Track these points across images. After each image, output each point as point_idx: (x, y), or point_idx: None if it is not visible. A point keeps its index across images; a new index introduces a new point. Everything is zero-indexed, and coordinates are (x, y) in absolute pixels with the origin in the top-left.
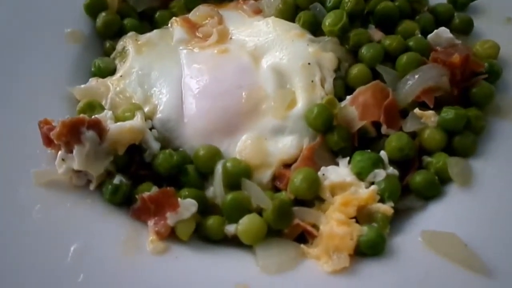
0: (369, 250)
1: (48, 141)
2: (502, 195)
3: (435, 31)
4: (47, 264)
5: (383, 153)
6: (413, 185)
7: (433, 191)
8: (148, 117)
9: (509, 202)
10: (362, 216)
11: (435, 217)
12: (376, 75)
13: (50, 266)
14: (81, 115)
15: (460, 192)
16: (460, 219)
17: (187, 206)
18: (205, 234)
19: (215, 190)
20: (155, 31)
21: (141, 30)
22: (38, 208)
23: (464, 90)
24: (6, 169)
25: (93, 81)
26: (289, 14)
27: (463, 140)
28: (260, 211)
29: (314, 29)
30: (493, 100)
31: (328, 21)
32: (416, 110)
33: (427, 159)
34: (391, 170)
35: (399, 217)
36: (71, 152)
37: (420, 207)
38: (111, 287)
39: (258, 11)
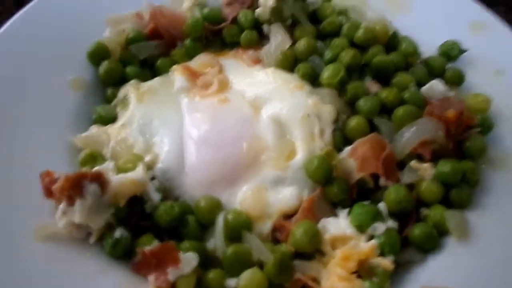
0: None
1: (49, 193)
2: (499, 247)
3: (429, 83)
4: None
5: (382, 205)
6: (413, 238)
7: (432, 244)
8: (149, 167)
9: (505, 255)
10: (363, 270)
11: (434, 271)
12: (372, 126)
13: None
14: (84, 169)
15: (458, 245)
16: (459, 273)
17: (188, 260)
18: None
19: (216, 242)
20: (156, 78)
21: (143, 78)
22: (37, 263)
23: (459, 143)
24: (6, 221)
25: (94, 129)
26: (288, 65)
27: (460, 193)
28: (261, 264)
29: (313, 80)
30: (486, 153)
31: (326, 74)
32: (413, 163)
33: (424, 211)
34: (391, 223)
35: (399, 270)
36: (73, 205)
37: (419, 260)
38: None
39: (257, 61)
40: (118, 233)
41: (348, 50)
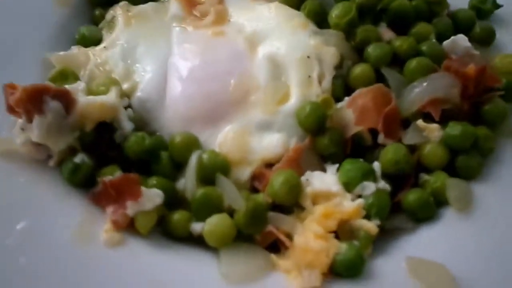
0: (345, 271)
1: (11, 108)
2: (503, 225)
3: (452, 37)
4: None
5: (376, 165)
6: (405, 203)
7: (426, 212)
8: (126, 95)
9: (507, 235)
10: (343, 231)
11: (425, 242)
12: (381, 78)
13: None
14: (47, 83)
15: (457, 217)
16: (453, 248)
17: (151, 196)
18: (169, 230)
19: (186, 182)
20: (149, 3)
21: (135, 1)
22: None
23: (476, 106)
24: None
25: (75, 49)
26: (295, 1)
27: (468, 161)
28: (232, 212)
29: (320, 20)
30: (506, 121)
31: (335, 12)
32: (419, 122)
33: (424, 177)
34: (383, 184)
35: (385, 237)
36: (31, 121)
37: (410, 229)
38: (54, 275)
39: None
40: (79, 158)
41: None
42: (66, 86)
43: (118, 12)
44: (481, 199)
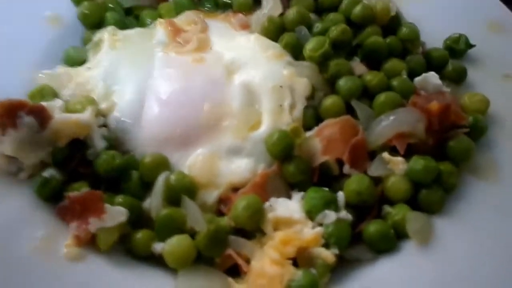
0: None
1: None
2: (461, 260)
3: (423, 74)
4: None
5: (340, 194)
6: (366, 234)
7: (386, 244)
8: (103, 114)
9: (466, 269)
10: (302, 259)
11: (383, 274)
12: (351, 111)
13: None
14: (24, 99)
15: (416, 250)
16: (410, 280)
17: (115, 214)
18: (131, 248)
19: (152, 202)
20: (136, 29)
21: (123, 26)
22: None
23: (441, 142)
24: None
25: (59, 69)
26: (274, 34)
27: (430, 195)
28: (194, 234)
29: (296, 53)
30: (471, 157)
31: (309, 46)
32: (385, 154)
33: (387, 208)
34: (344, 214)
35: (344, 267)
36: (4, 135)
37: (369, 260)
38: (13, 285)
39: (246, 26)
40: (48, 173)
41: (339, 24)
42: (44, 103)
43: (105, 35)
44: (441, 233)
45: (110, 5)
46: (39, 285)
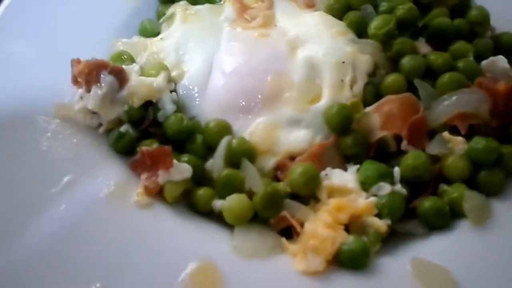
0: (350, 261)
1: (75, 80)
2: None
3: (491, 58)
4: (37, 185)
5: (396, 169)
6: (420, 210)
7: (440, 221)
8: (174, 81)
9: None
10: (354, 226)
11: (433, 248)
12: (413, 90)
13: (38, 189)
14: (107, 60)
15: (470, 230)
16: (461, 257)
17: (181, 169)
18: (193, 203)
19: (214, 163)
20: (206, 5)
21: (194, 2)
22: (47, 136)
23: (506, 125)
24: (32, 97)
25: (135, 39)
26: (339, 12)
27: (490, 176)
28: (252, 195)
29: (361, 30)
30: None
31: (374, 24)
32: (445, 134)
33: (443, 187)
34: (399, 187)
35: (396, 239)
36: (89, 92)
37: (421, 234)
38: (85, 222)
39: (311, 5)
40: (124, 128)
41: (406, 3)
42: (123, 66)
43: (177, 9)
44: (498, 215)
45: None
46: (110, 226)
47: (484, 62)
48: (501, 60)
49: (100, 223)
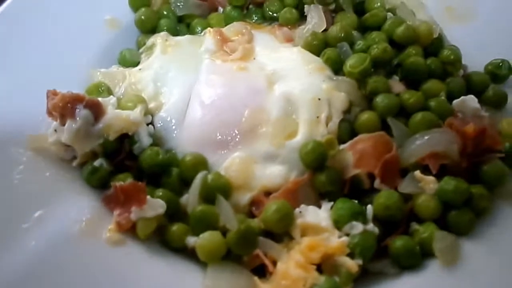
0: None
1: (50, 111)
2: (486, 285)
3: (462, 97)
4: (6, 219)
5: (369, 207)
6: (392, 249)
7: (411, 260)
8: (151, 113)
9: None
10: (326, 266)
11: None
12: (386, 128)
13: (8, 223)
14: (83, 94)
15: (441, 270)
16: None
17: (155, 205)
18: (166, 239)
19: (189, 198)
20: (186, 36)
21: (175, 33)
22: (20, 169)
23: (475, 165)
24: (5, 127)
25: (114, 68)
26: (317, 48)
27: (460, 216)
28: (226, 231)
29: (337, 68)
30: (504, 183)
31: (350, 62)
32: (417, 173)
33: (414, 226)
34: (371, 226)
35: (368, 278)
36: (64, 124)
37: (393, 274)
38: (55, 260)
39: (290, 39)
40: (98, 162)
41: (381, 43)
42: (99, 98)
43: (158, 40)
44: (468, 255)
45: (165, 12)
46: (82, 262)
47: (455, 102)
48: (471, 100)
49: (70, 261)
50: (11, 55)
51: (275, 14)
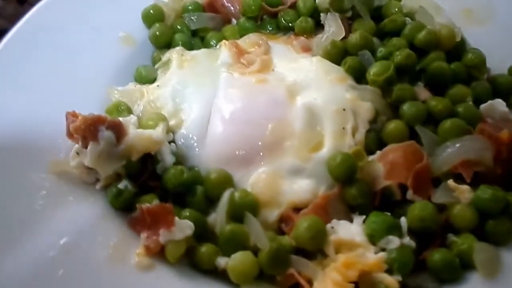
0: None
1: (70, 133)
2: None
3: (490, 101)
4: (33, 251)
5: (403, 220)
6: (430, 262)
7: (451, 274)
8: (172, 130)
9: None
10: (364, 283)
11: None
12: (414, 136)
13: (35, 254)
14: (104, 115)
15: (482, 283)
16: None
17: (183, 227)
18: (195, 261)
19: (217, 218)
20: (202, 50)
21: (190, 47)
22: (42, 194)
23: (510, 172)
24: (26, 153)
25: (131, 86)
26: (336, 57)
27: (498, 226)
28: (257, 251)
29: (359, 76)
30: None
31: (373, 70)
32: (450, 182)
33: (452, 237)
34: (408, 240)
35: None
36: (86, 147)
37: None
38: None
39: (307, 49)
40: (123, 184)
41: (403, 49)
42: (120, 118)
43: (173, 55)
44: (508, 266)
45: (179, 27)
46: None
47: (483, 106)
48: (499, 104)
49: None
50: (26, 75)
51: (290, 24)
